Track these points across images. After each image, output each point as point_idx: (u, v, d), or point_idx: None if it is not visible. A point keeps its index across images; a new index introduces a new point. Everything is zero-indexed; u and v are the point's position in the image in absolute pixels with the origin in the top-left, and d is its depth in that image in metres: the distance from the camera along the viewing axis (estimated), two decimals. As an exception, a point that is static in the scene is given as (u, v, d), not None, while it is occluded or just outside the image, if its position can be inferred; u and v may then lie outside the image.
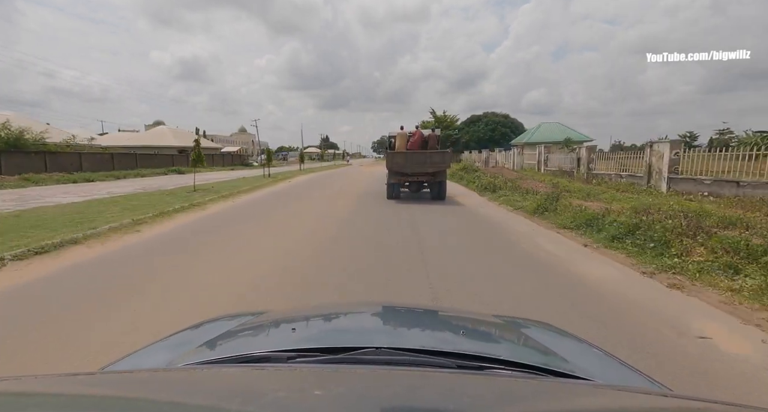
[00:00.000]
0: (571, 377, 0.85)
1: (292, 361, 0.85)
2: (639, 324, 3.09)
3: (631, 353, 2.57)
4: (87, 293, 3.86)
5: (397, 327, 1.34)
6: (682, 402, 0.73)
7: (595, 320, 3.15)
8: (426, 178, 11.59)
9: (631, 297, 3.70)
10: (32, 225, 6.74)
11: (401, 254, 5.21)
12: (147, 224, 7.37)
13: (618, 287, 4.01)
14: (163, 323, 3.01)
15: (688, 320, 3.17)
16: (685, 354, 2.62)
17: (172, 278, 4.31)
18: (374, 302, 2.95)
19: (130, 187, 15.70)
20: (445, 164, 11.14)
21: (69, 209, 8.88)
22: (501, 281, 4.20)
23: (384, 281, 4.20)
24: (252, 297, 3.75)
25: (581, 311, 3.36)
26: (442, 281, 4.09)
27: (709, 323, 3.14)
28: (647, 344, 2.74)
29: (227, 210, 9.97)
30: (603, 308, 3.44)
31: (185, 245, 5.94)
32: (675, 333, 2.93)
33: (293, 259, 5.08)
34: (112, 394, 0.64)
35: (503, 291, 3.88)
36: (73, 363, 2.51)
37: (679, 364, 2.49)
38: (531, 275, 4.42)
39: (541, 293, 3.83)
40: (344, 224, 8.06)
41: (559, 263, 4.87)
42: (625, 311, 3.38)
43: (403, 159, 11.19)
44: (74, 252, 5.33)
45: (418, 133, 11.60)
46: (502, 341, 1.27)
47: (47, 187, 15.33)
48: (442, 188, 11.74)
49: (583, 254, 5.34)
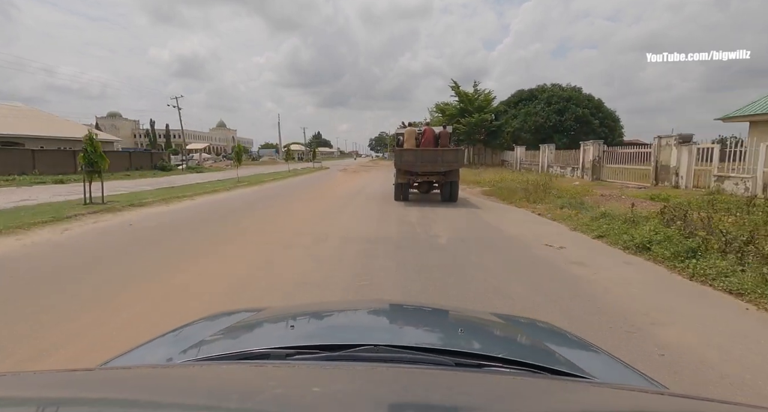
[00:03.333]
0: (569, 376, 0.85)
1: (291, 358, 0.85)
2: None
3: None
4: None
5: (396, 325, 1.34)
6: (679, 400, 0.72)
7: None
8: (437, 177, 10.74)
9: None
10: None
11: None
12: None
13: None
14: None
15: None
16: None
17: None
18: (373, 299, 3.05)
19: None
20: (458, 163, 10.34)
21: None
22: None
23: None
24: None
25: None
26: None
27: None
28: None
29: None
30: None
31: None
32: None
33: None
34: (111, 390, 0.64)
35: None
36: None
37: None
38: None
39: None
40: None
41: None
42: None
43: (413, 157, 10.09)
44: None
45: (428, 130, 10.88)
46: (500, 340, 1.24)
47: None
48: (454, 189, 10.81)
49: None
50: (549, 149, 21.84)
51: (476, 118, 30.77)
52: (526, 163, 25.80)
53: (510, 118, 30.96)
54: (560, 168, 20.16)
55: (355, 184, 17.19)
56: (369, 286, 3.82)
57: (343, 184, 17.56)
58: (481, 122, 30.80)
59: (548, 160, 21.76)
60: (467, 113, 31.83)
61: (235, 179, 17.86)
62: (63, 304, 3.31)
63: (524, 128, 29.20)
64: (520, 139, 29.39)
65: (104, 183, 9.47)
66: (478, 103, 32.59)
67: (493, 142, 32.07)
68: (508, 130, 30.30)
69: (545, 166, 21.83)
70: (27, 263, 4.66)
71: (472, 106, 32.21)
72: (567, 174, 19.12)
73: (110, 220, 7.57)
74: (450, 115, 33.52)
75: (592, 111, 28.60)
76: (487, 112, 31.65)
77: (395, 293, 3.64)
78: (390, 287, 3.81)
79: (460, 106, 33.01)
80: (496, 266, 4.61)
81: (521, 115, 29.93)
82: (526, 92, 32.12)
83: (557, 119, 28.21)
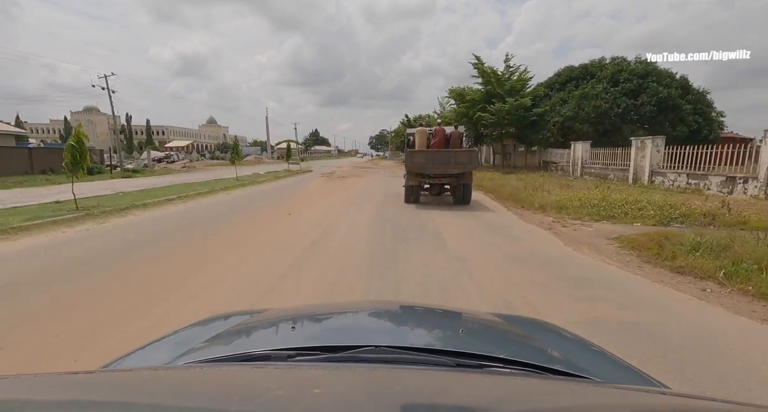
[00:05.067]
0: (571, 376, 0.84)
1: (292, 359, 0.85)
2: None
3: None
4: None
5: (396, 326, 1.33)
6: (682, 400, 0.71)
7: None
8: (449, 180, 9.94)
9: None
10: None
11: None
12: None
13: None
14: None
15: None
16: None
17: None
18: (374, 300, 3.05)
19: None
20: (471, 164, 9.51)
21: None
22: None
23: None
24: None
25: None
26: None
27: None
28: None
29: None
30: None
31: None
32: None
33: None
34: (112, 393, 0.63)
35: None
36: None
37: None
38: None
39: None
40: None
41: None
42: None
43: (425, 158, 9.40)
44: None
45: (440, 130, 10.09)
46: (501, 340, 1.21)
47: None
48: (467, 191, 9.91)
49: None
50: (654, 145, 13.33)
51: (510, 103, 22.36)
52: (594, 168, 17.40)
53: (556, 104, 22.50)
54: (688, 179, 11.71)
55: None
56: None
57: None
58: (516, 109, 22.42)
59: (651, 164, 13.32)
60: (495, 98, 23.46)
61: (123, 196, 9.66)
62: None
63: (579, 117, 20.72)
64: (572, 132, 20.96)
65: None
66: (510, 84, 24.18)
67: (532, 137, 23.72)
68: (555, 119, 21.86)
69: (645, 174, 13.44)
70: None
71: (501, 89, 23.82)
72: (712, 189, 10.74)
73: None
74: (471, 101, 25.21)
75: (680, 93, 20.00)
76: (523, 96, 23.23)
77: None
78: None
79: (486, 90, 24.63)
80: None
81: (574, 99, 21.41)
82: (578, 69, 23.58)
83: (629, 104, 19.68)
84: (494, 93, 23.98)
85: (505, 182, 13.80)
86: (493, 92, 24.02)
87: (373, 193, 13.04)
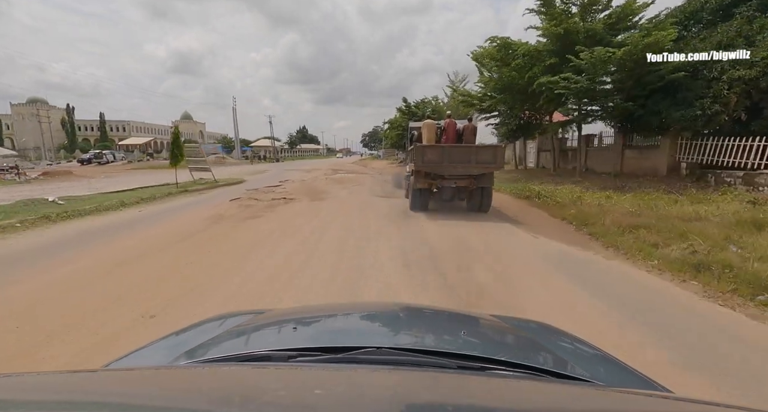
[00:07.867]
0: (572, 379, 0.84)
1: (293, 360, 0.84)
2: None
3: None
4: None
5: (398, 327, 1.31)
6: (683, 404, 0.71)
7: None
8: (466, 182, 7.91)
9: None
10: None
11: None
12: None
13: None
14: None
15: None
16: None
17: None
18: (376, 302, 2.99)
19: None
20: (495, 164, 7.69)
21: None
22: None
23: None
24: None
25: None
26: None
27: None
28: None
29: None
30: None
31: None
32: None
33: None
34: (114, 392, 0.63)
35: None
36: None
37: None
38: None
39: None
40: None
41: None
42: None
43: (439, 156, 7.62)
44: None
45: (450, 124, 8.39)
46: (502, 342, 1.23)
47: None
48: (486, 196, 8.05)
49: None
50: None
51: (625, 47, 10.60)
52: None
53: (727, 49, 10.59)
54: None
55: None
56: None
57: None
58: (640, 56, 10.56)
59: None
60: (574, 46, 11.71)
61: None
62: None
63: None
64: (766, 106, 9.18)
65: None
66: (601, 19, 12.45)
67: (672, 114, 11.55)
68: (735, 76, 9.95)
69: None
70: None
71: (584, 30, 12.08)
72: None
73: None
74: (524, 55, 13.47)
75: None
76: (643, 33, 11.27)
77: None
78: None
79: (553, 32, 12.74)
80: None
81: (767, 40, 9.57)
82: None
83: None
84: (569, 36, 12.19)
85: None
86: (568, 35, 12.20)
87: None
